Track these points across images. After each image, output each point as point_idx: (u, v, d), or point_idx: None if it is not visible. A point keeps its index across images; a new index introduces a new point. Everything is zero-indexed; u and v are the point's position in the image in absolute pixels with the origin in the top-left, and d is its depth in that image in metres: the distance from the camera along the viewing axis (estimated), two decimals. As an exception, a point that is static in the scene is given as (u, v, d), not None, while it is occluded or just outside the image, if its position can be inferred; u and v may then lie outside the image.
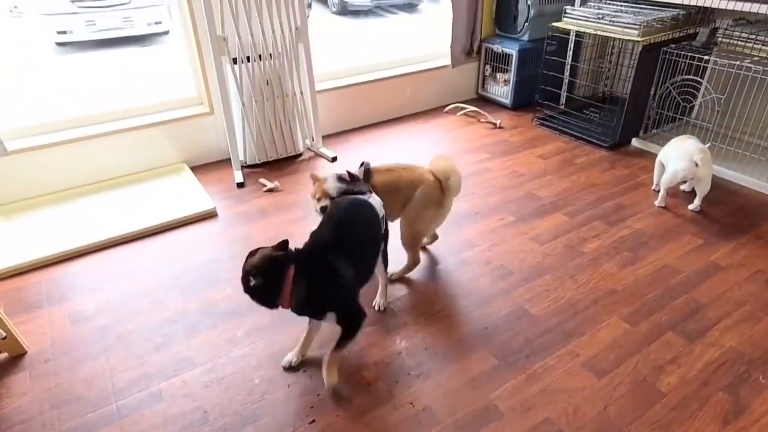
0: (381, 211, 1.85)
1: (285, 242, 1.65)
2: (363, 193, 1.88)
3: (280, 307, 1.63)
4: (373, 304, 2.07)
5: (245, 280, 1.60)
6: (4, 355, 1.86)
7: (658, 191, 2.73)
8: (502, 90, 4.02)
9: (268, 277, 1.59)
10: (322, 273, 1.64)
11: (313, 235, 1.75)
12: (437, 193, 2.10)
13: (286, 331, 1.96)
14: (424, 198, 2.08)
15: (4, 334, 1.76)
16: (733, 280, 2.20)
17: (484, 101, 4.15)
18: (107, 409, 1.67)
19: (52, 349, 1.90)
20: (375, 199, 1.86)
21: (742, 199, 2.79)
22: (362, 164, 2.07)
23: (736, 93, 3.04)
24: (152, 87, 3.10)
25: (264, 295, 1.61)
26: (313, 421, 1.62)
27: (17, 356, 1.87)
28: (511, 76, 3.87)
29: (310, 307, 1.68)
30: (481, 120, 3.81)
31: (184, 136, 3.10)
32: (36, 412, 1.67)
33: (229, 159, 3.10)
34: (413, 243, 2.18)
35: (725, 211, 2.68)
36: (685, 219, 2.62)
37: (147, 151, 3.03)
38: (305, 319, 2.00)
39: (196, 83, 3.14)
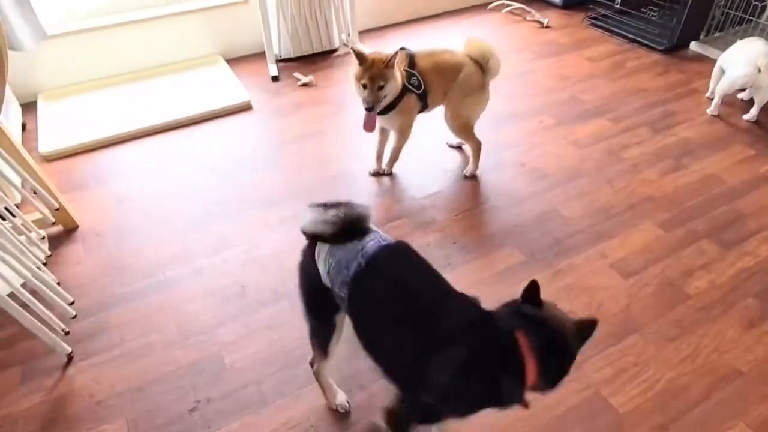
0: None
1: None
2: None
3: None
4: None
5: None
6: (59, 227, 1.99)
7: (713, 99, 2.56)
8: (553, -15, 3.70)
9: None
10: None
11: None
12: (479, 76, 2.05)
13: (319, 219, 2.02)
14: (466, 82, 2.03)
15: (57, 206, 1.87)
16: (781, 192, 2.11)
17: (532, -1, 3.85)
18: (154, 279, 1.80)
19: (101, 224, 2.03)
20: None
21: (806, 111, 2.59)
22: (402, 48, 1.96)
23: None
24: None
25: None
26: (344, 300, 1.71)
27: (70, 230, 2.00)
28: (565, -31, 3.54)
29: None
30: (528, 18, 3.55)
31: (219, 27, 3.03)
32: (90, 278, 1.81)
33: (264, 52, 3.03)
34: (466, 130, 2.15)
35: (785, 123, 2.51)
36: (738, 129, 2.47)
37: (184, 41, 2.99)
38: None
39: (229, -31, 3.00)
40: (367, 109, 1.92)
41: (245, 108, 2.68)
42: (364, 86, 1.88)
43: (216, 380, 1.50)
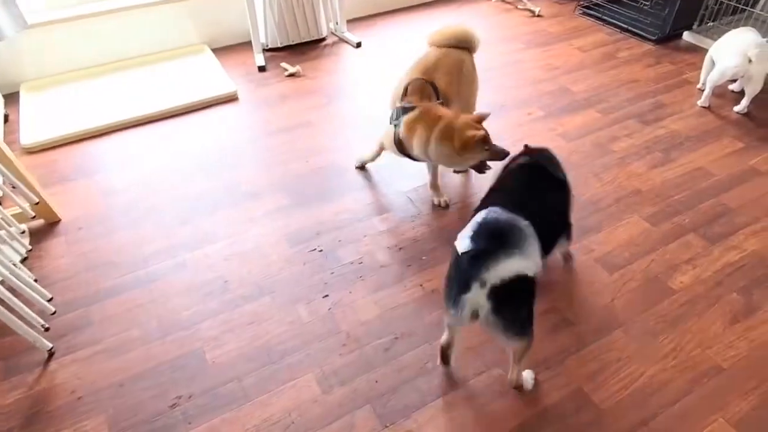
0: None
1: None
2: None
3: None
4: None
5: None
6: (41, 221, 1.97)
7: (704, 90, 2.54)
8: (546, -27, 3.65)
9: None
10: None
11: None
12: (471, 60, 2.07)
13: (303, 213, 2.00)
14: (469, 72, 2.05)
15: (37, 200, 1.84)
16: (769, 186, 2.10)
17: (525, -14, 3.79)
18: (137, 274, 1.79)
19: (85, 218, 2.00)
20: None
21: (796, 103, 2.58)
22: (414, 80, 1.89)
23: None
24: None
25: None
26: (327, 295, 1.70)
27: (52, 223, 1.98)
28: (559, -44, 3.49)
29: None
30: (519, 7, 3.51)
31: (205, 16, 2.97)
32: (73, 272, 1.79)
33: (251, 41, 2.98)
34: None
35: (775, 115, 2.49)
36: (728, 121, 2.46)
37: (168, 30, 2.94)
38: (324, 202, 2.04)
39: (215, -45, 2.94)
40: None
41: (231, 98, 2.65)
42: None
43: (197, 376, 1.49)
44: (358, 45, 3.10)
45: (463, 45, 2.03)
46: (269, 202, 2.06)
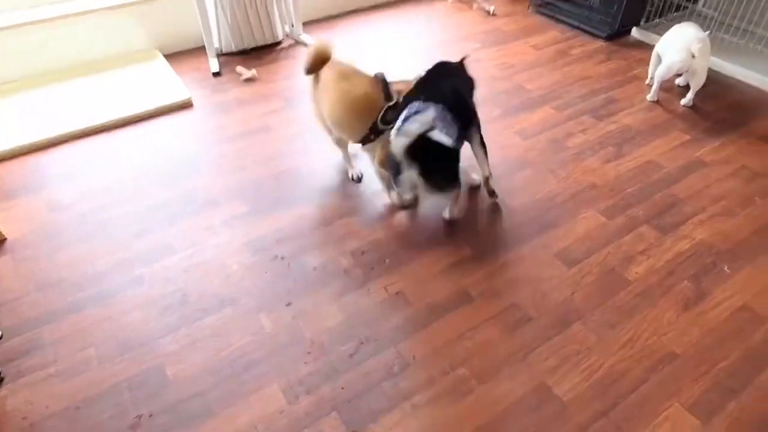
0: None
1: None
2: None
3: None
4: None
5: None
6: (-16, 241, 1.88)
7: (652, 85, 2.63)
8: (499, -27, 3.70)
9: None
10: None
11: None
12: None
13: (263, 220, 1.97)
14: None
15: (-22, 220, 1.76)
16: (715, 176, 2.19)
17: (480, -14, 3.84)
18: (91, 291, 1.72)
19: (32, 235, 1.91)
20: None
21: (738, 95, 2.70)
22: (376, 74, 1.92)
23: (748, -23, 2.82)
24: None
25: None
26: (290, 303, 1.68)
27: (-3, 242, 1.89)
28: (511, -44, 3.55)
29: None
30: (474, 6, 3.55)
31: (154, 20, 2.89)
32: (21, 293, 1.71)
33: (204, 46, 2.91)
34: None
35: (718, 107, 2.60)
36: (676, 114, 2.55)
37: (116, 36, 2.84)
38: (284, 208, 2.02)
39: (163, -42, 2.86)
40: None
41: (185, 105, 2.58)
42: None
43: (158, 393, 1.45)
44: (316, 47, 3.07)
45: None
46: (228, 210, 2.01)
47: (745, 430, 1.37)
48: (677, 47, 2.44)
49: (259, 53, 3.03)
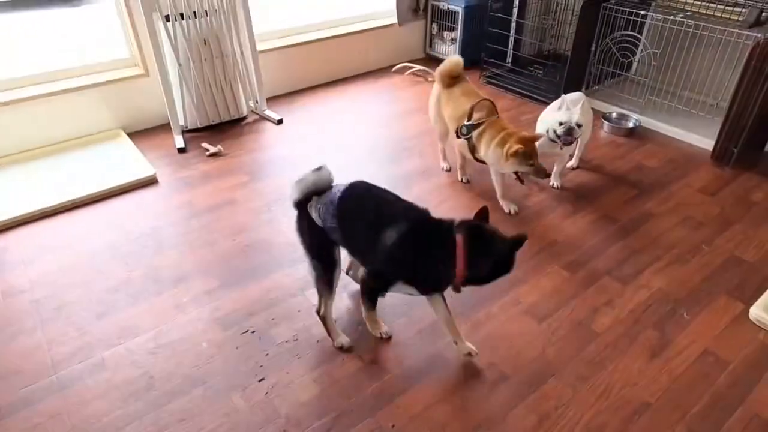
0: None
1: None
2: None
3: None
4: None
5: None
6: (-70, 334, 1.76)
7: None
8: (449, 48, 3.99)
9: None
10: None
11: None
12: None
13: (232, 294, 1.94)
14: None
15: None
16: (665, 226, 2.33)
17: (431, 60, 4.11)
18: (47, 381, 1.62)
19: (-17, 325, 1.81)
20: None
21: (675, 151, 2.92)
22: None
23: (670, 48, 3.15)
24: (81, 49, 2.88)
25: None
26: (263, 379, 1.63)
27: (-55, 334, 1.77)
28: (458, 34, 3.85)
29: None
30: (429, 79, 3.79)
31: (118, 101, 2.94)
32: (-30, 389, 1.60)
33: (169, 123, 2.96)
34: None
35: (659, 163, 2.80)
36: (624, 171, 2.73)
37: (79, 117, 2.86)
38: (254, 281, 2.00)
39: (128, 43, 2.96)
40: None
41: (150, 182, 2.58)
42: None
43: (122, 490, 1.35)
44: (280, 122, 3.17)
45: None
46: (196, 286, 1.98)
47: (725, 476, 1.38)
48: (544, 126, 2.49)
49: (224, 128, 3.10)
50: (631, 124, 3.12)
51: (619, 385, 1.62)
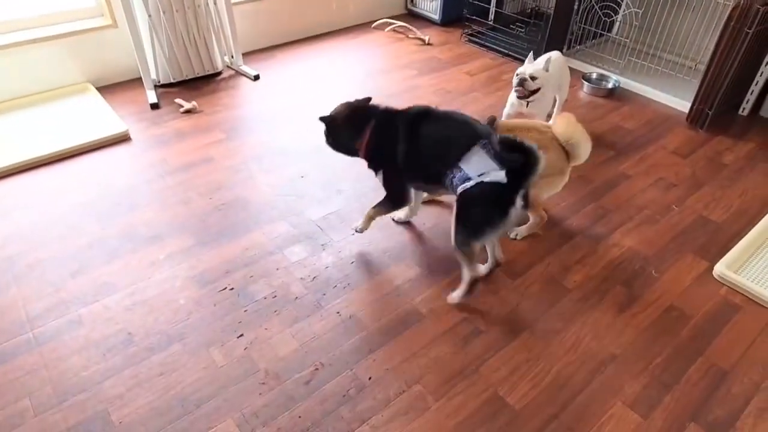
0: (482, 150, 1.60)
1: (368, 98, 1.85)
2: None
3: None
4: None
5: (329, 122, 1.82)
6: None
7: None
8: (431, 5, 3.90)
9: (351, 123, 1.81)
10: (388, 137, 1.76)
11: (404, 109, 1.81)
12: (561, 162, 1.91)
13: (209, 252, 1.94)
14: (547, 167, 1.64)
15: None
16: (638, 187, 2.37)
17: (413, 17, 4.02)
18: (23, 338, 1.61)
19: (-47, 282, 1.78)
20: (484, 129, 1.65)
21: (652, 113, 2.95)
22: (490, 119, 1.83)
23: (652, 8, 3.13)
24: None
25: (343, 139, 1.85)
26: (242, 335, 1.65)
27: None
28: (441, -11, 3.75)
29: (372, 161, 1.87)
30: (410, 36, 3.71)
31: (85, 53, 2.81)
32: (-58, 346, 1.58)
33: (140, 78, 2.86)
34: (533, 205, 1.96)
35: (636, 125, 2.83)
36: (602, 132, 2.75)
37: (43, 70, 2.73)
38: (231, 239, 1.99)
39: (93, -9, 2.81)
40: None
41: (122, 139, 2.51)
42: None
43: (103, 441, 1.37)
44: (256, 78, 3.09)
45: (563, 141, 1.91)
46: (172, 244, 1.96)
47: (682, 420, 1.47)
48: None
49: (198, 84, 3.01)
50: (610, 85, 3.13)
51: (588, 338, 1.69)
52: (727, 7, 2.65)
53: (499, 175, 1.54)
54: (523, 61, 2.43)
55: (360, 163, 2.41)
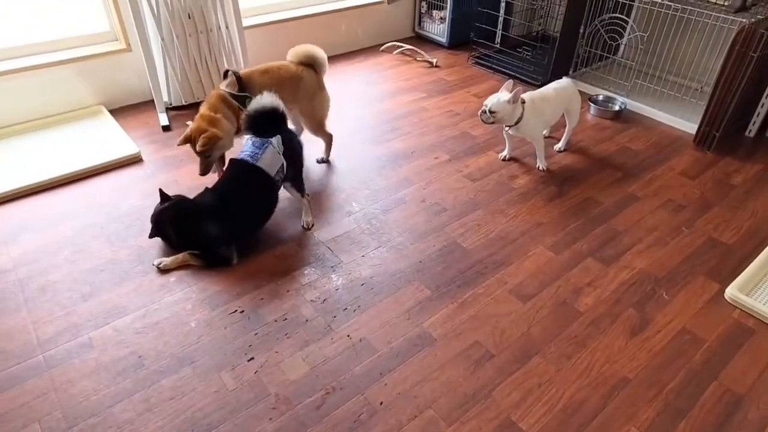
0: (271, 172, 1.99)
1: (163, 194, 2.04)
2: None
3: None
4: (301, 224, 2.20)
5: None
6: None
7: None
8: (438, 28, 3.96)
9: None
10: (191, 226, 1.98)
11: (200, 194, 2.04)
12: (315, 79, 2.40)
13: (219, 274, 1.94)
14: (309, 88, 2.36)
15: None
16: (647, 208, 2.37)
17: (420, 40, 4.08)
18: (34, 361, 1.61)
19: (-34, 304, 1.79)
20: (264, 161, 1.98)
21: (658, 135, 2.96)
22: (227, 72, 2.23)
23: (657, 31, 3.16)
24: (59, 22, 2.80)
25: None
26: (252, 358, 1.65)
27: (-74, 314, 1.75)
28: (447, 13, 3.81)
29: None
30: (418, 59, 3.76)
31: (99, 76, 2.86)
32: (-46, 369, 1.59)
33: (153, 100, 2.90)
34: (320, 128, 2.50)
35: (644, 146, 2.84)
36: (609, 153, 2.76)
37: (58, 93, 2.78)
38: (241, 261, 2.00)
39: (108, 16, 2.87)
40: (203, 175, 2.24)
41: (134, 160, 2.54)
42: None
43: (112, 467, 1.36)
44: (266, 100, 3.13)
45: (306, 62, 2.37)
46: (183, 266, 1.97)
47: (698, 448, 1.45)
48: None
49: (208, 107, 3.04)
50: (617, 107, 3.15)
51: (600, 362, 1.67)
52: (731, 30, 2.68)
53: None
54: (531, 84, 2.46)
55: (369, 185, 2.43)
